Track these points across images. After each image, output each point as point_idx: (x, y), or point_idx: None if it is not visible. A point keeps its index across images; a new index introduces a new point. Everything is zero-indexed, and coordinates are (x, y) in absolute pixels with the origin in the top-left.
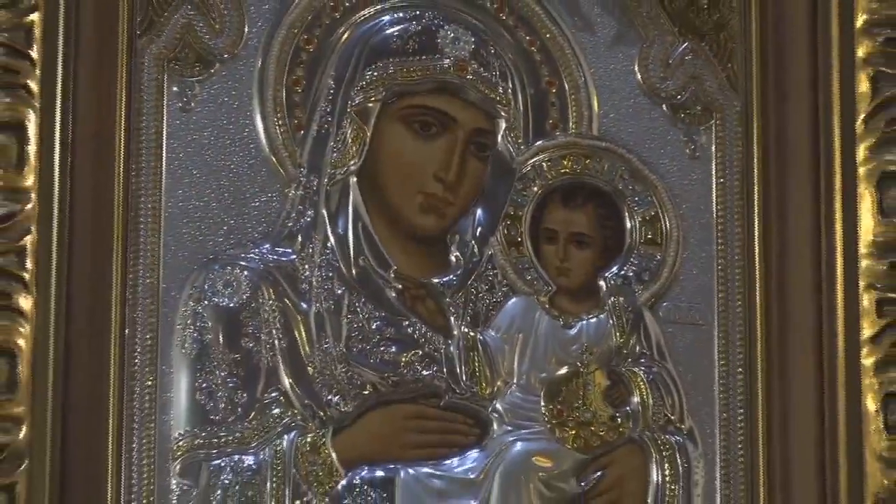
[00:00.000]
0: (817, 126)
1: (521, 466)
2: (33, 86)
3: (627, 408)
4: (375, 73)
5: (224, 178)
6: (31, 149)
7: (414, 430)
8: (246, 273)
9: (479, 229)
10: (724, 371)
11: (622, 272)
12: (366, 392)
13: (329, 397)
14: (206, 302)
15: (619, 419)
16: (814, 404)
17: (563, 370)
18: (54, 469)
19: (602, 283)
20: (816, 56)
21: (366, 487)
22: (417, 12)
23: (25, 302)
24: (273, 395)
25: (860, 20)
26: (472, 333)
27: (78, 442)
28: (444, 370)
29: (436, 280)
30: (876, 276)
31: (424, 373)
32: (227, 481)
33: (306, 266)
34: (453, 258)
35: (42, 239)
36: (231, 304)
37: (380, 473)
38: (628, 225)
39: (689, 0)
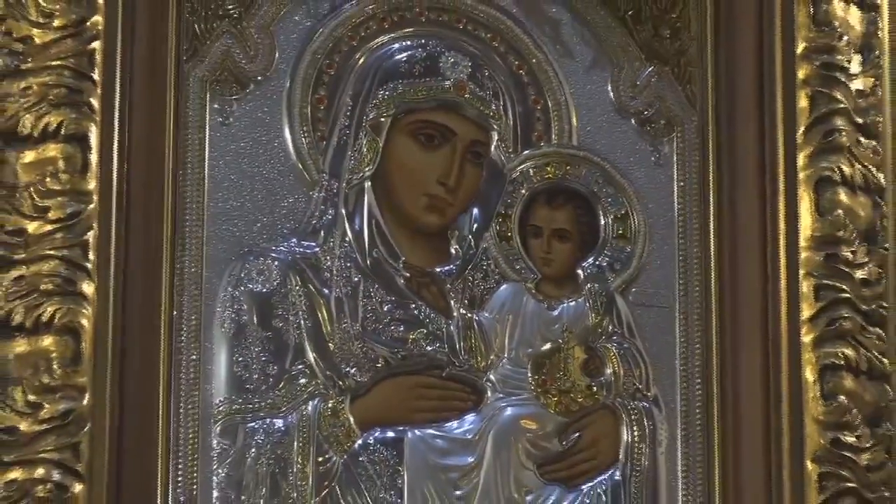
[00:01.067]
0: (763, 137)
1: (511, 428)
2: (95, 103)
3: (602, 378)
4: (387, 93)
5: (258, 183)
6: (93, 157)
7: (419, 397)
8: (276, 263)
9: (475, 226)
10: (684, 346)
11: (597, 262)
12: (378, 365)
13: (347, 369)
14: (242, 288)
15: (594, 388)
16: (760, 375)
17: (547, 346)
18: (112, 430)
19: (580, 271)
20: (762, 77)
21: (378, 446)
22: (422, 41)
23: (88, 288)
24: (299, 367)
25: (800, 47)
26: (469, 315)
27: (133, 407)
28: (446, 346)
29: (438, 269)
30: (813, 265)
31: (428, 348)
32: (260, 441)
33: (328, 257)
34: (453, 250)
35: (102, 234)
36: (264, 290)
37: (390, 434)
38: (602, 222)
39: (654, 31)
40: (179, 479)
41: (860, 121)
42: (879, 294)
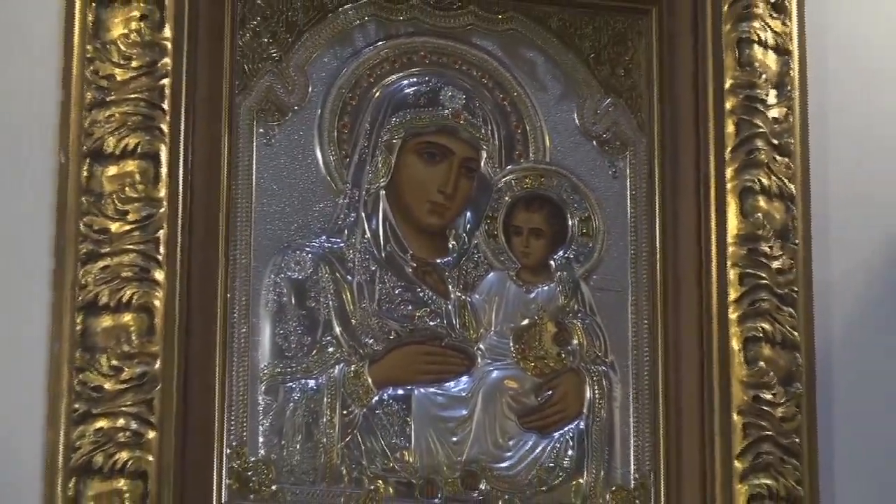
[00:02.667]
0: (699, 155)
1: (497, 387)
2: (165, 128)
3: (569, 347)
4: (398, 120)
5: (294, 191)
6: (164, 171)
7: (424, 362)
8: (310, 255)
9: (468, 226)
10: (635, 322)
11: (566, 255)
12: (391, 336)
13: (366, 340)
14: (282, 275)
15: (563, 355)
16: (696, 345)
17: (525, 322)
18: (179, 389)
19: (552, 262)
20: (698, 107)
21: (391, 401)
22: (426, 78)
23: (160, 275)
24: (328, 339)
25: (728, 83)
26: (463, 297)
27: (195, 370)
28: (445, 322)
29: (439, 260)
30: (738, 258)
31: (431, 323)
32: (296, 397)
33: (350, 251)
34: (451, 245)
35: (171, 232)
36: (299, 277)
37: (401, 392)
38: (570, 223)
39: (611, 70)
40: (232, 427)
41: (776, 142)
42: (791, 281)
